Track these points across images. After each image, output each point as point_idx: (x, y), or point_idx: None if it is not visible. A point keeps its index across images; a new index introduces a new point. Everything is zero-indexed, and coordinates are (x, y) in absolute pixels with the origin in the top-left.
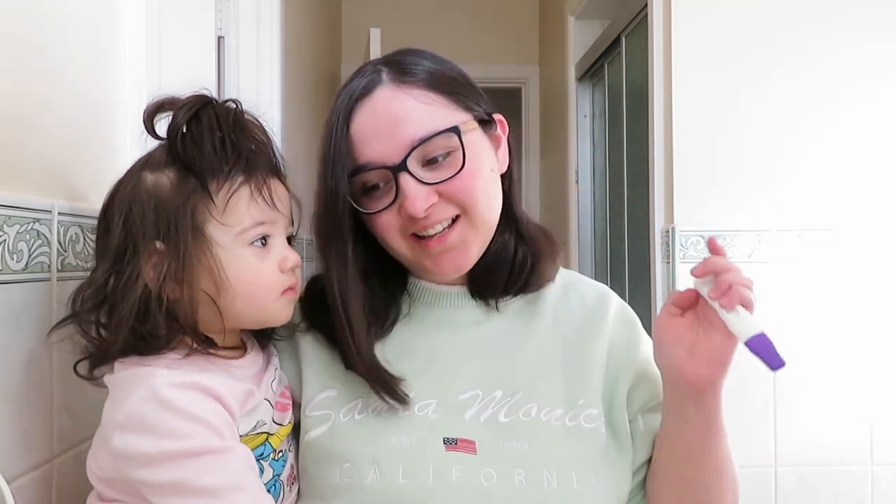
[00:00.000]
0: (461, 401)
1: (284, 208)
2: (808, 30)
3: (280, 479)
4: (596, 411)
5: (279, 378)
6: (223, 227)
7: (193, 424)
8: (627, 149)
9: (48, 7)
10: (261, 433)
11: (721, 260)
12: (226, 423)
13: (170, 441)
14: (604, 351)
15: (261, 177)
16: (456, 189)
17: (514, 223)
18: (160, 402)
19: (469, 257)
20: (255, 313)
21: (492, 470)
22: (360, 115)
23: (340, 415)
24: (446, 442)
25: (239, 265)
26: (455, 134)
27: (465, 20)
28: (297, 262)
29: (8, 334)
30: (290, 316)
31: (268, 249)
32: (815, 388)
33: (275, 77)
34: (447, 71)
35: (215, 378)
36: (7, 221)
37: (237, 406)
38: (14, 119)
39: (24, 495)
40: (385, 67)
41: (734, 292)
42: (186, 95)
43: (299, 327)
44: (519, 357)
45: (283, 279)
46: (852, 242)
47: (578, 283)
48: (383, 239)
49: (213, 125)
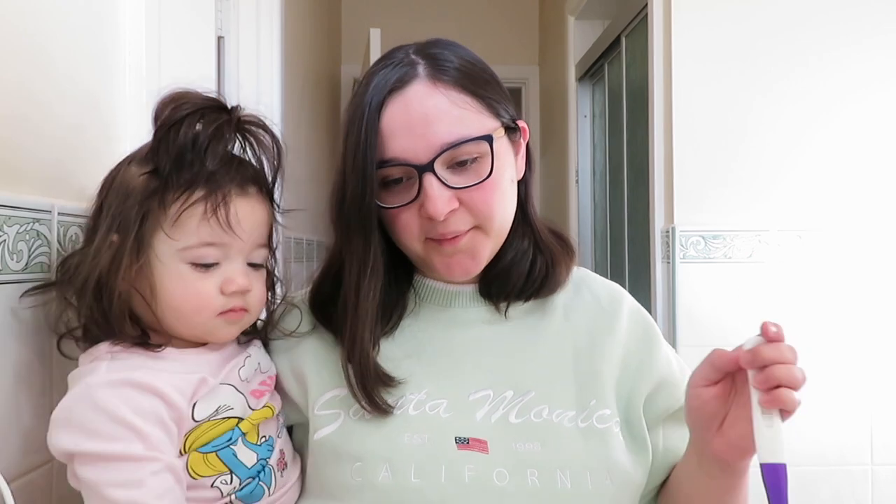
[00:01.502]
0: (472, 401)
1: (247, 232)
2: (808, 30)
3: (269, 464)
4: (609, 412)
5: (255, 366)
6: (168, 239)
7: (118, 427)
8: (627, 149)
9: (48, 7)
10: (227, 418)
11: (774, 350)
12: (158, 424)
13: (92, 442)
14: (618, 352)
15: (221, 196)
16: (477, 200)
17: (531, 230)
18: (90, 402)
19: (479, 263)
20: (185, 328)
21: (504, 470)
22: (392, 107)
23: (350, 413)
24: (458, 441)
25: (172, 280)
26: (487, 143)
27: (465, 20)
28: (241, 287)
29: (8, 334)
30: (229, 336)
31: (212, 270)
32: (815, 387)
33: (275, 77)
34: (480, 73)
35: (156, 372)
36: (7, 221)
37: (183, 398)
38: (14, 119)
39: (24, 495)
40: (422, 61)
41: (780, 395)
42: (203, 95)
43: (295, 333)
44: (530, 357)
45: (222, 301)
46: (852, 242)
47: (591, 280)
48: (398, 236)
49: (192, 134)
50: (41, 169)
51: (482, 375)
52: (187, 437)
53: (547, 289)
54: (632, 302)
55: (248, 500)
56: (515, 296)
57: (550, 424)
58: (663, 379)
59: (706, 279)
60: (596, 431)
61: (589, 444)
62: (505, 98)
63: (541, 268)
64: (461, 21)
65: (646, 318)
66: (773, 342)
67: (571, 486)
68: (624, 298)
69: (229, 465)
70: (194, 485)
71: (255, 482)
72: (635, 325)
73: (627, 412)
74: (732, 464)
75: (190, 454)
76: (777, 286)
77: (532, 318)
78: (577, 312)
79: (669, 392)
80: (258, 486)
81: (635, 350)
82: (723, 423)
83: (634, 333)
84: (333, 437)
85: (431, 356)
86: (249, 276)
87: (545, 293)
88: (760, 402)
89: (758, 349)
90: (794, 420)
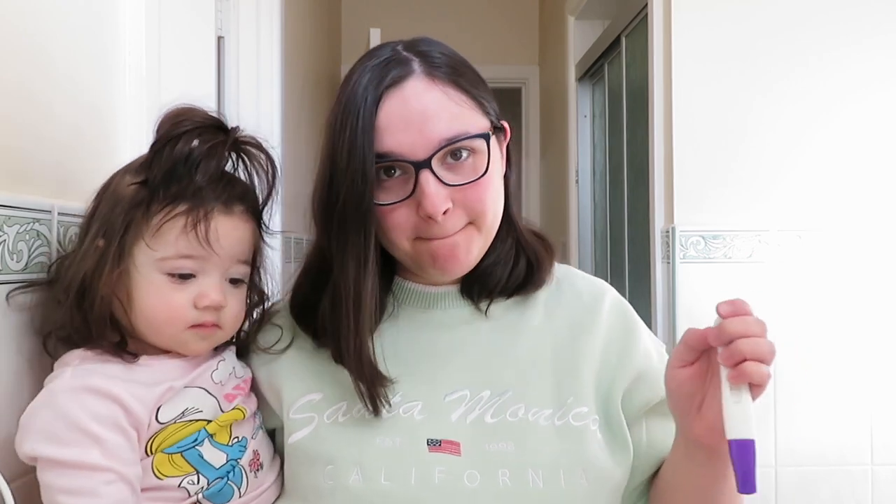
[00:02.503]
0: (448, 402)
1: (224, 249)
2: (808, 30)
3: (240, 464)
4: (586, 409)
5: (229, 370)
6: (148, 249)
7: (75, 433)
8: (627, 149)
9: (48, 7)
10: (194, 420)
11: (739, 323)
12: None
13: (50, 447)
14: (597, 347)
15: (202, 212)
16: (471, 197)
17: (513, 228)
18: (52, 407)
19: (471, 259)
20: (156, 338)
21: (476, 471)
22: (389, 103)
23: (325, 417)
24: (430, 443)
25: (147, 289)
26: (484, 140)
27: (465, 20)
28: (214, 302)
29: (7, 334)
30: (199, 350)
31: (188, 283)
32: (816, 387)
33: (275, 77)
34: (470, 72)
35: (115, 380)
36: (7, 221)
37: (142, 406)
38: (14, 119)
39: (24, 495)
40: (415, 58)
41: (745, 368)
42: (205, 114)
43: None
44: (508, 356)
45: (194, 315)
46: (852, 242)
47: (573, 277)
48: (388, 236)
49: (186, 150)
50: (41, 169)
51: (459, 376)
52: (154, 439)
53: (530, 286)
54: (614, 296)
55: (216, 499)
56: (498, 293)
57: (526, 423)
58: (642, 372)
59: (706, 279)
60: (572, 429)
61: (564, 442)
62: (492, 97)
63: (523, 265)
64: (461, 21)
65: (626, 311)
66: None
67: (543, 486)
68: (605, 293)
69: (195, 465)
70: (160, 485)
71: (223, 482)
72: (616, 319)
73: (607, 409)
74: (715, 447)
75: (155, 455)
76: (777, 286)
77: (512, 315)
78: (559, 310)
79: (649, 385)
80: (227, 486)
81: (615, 345)
82: (701, 404)
83: (614, 328)
84: (306, 441)
85: (409, 359)
86: (226, 292)
87: (528, 290)
88: (728, 377)
89: (723, 324)
90: (794, 420)
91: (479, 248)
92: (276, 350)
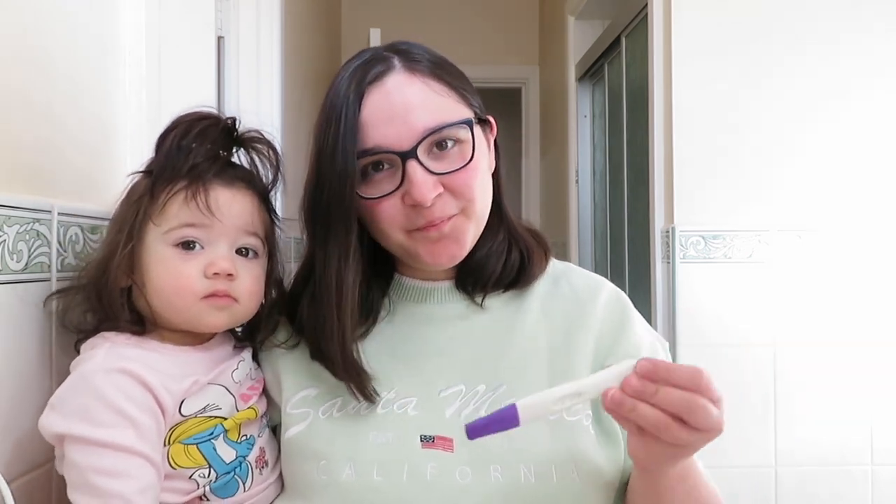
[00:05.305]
0: (442, 397)
1: (227, 217)
2: (808, 30)
3: (247, 461)
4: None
5: (247, 371)
6: (155, 227)
7: (112, 414)
8: (627, 149)
9: (48, 7)
10: (212, 416)
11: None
12: (148, 413)
13: (85, 425)
14: (591, 341)
15: (200, 183)
16: (459, 183)
17: (505, 222)
18: (87, 387)
19: (463, 247)
20: (173, 314)
21: (467, 468)
22: (372, 98)
23: (320, 413)
24: (423, 439)
25: (158, 264)
26: (468, 127)
27: (464, 20)
28: (223, 269)
29: (8, 334)
30: (219, 323)
31: (195, 253)
32: (815, 388)
33: (275, 77)
34: (451, 66)
35: (148, 369)
36: (7, 221)
37: (170, 396)
38: (14, 120)
39: (24, 495)
40: (395, 55)
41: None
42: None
43: (286, 344)
44: (504, 350)
45: (205, 284)
46: (852, 242)
47: (571, 273)
48: (380, 228)
49: (181, 134)
50: (41, 169)
51: (455, 371)
52: (173, 430)
53: (524, 279)
54: (610, 291)
55: (221, 492)
56: (493, 286)
57: None
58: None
59: (706, 279)
60: (565, 424)
61: (556, 437)
62: (474, 92)
63: (516, 257)
64: (461, 21)
65: (622, 304)
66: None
67: (535, 481)
68: (602, 288)
69: (209, 458)
70: (173, 475)
71: (230, 476)
72: (610, 312)
73: (598, 404)
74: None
75: (172, 445)
76: (777, 286)
77: (508, 310)
78: (555, 305)
79: None
80: (233, 480)
81: (607, 338)
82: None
83: (608, 321)
84: (302, 436)
85: (404, 354)
86: (237, 263)
87: (522, 283)
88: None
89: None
90: (794, 420)
91: (471, 236)
92: (287, 345)
